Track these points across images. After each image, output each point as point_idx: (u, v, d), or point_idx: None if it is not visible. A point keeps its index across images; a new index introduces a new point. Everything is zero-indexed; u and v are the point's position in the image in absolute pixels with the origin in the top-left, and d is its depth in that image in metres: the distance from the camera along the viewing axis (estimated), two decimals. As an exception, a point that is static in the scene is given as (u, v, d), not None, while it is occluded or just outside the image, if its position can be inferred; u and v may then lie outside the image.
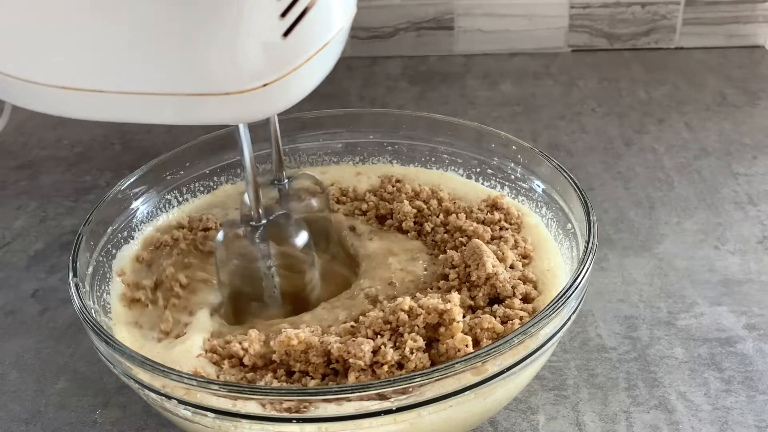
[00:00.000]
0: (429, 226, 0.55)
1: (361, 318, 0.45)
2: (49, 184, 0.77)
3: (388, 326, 0.44)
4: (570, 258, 0.50)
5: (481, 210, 0.55)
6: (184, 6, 0.34)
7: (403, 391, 0.38)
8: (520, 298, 0.47)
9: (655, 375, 0.52)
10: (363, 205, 0.58)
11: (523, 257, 0.51)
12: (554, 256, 0.52)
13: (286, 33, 0.35)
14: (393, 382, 0.38)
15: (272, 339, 0.44)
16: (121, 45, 0.35)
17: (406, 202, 0.56)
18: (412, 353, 0.42)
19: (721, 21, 0.96)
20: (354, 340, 0.42)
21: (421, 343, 0.42)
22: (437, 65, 0.98)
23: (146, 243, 0.55)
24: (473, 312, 0.47)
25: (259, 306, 0.49)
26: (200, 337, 0.47)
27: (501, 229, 0.54)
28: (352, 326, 0.45)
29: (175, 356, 0.45)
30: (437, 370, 0.38)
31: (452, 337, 0.42)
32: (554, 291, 0.48)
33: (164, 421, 0.50)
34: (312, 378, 0.43)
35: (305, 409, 0.38)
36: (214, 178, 0.60)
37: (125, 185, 0.54)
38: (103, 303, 0.49)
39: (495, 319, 0.45)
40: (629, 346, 0.54)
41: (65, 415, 0.51)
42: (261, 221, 0.47)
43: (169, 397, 0.40)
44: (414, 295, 0.47)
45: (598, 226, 0.47)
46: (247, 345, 0.45)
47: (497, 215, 0.55)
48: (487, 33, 0.97)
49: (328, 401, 0.38)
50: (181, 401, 0.39)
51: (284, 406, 0.39)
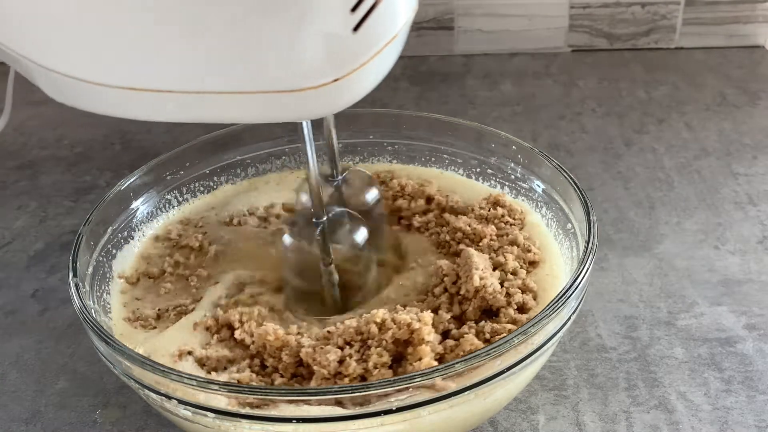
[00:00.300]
0: (417, 222, 0.55)
1: (338, 325, 0.44)
2: (49, 184, 0.77)
3: (360, 337, 0.43)
4: (570, 258, 0.50)
5: (482, 207, 0.55)
6: (261, 5, 0.34)
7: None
8: (516, 308, 0.46)
9: (655, 375, 0.52)
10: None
11: (530, 263, 0.50)
12: (554, 257, 0.51)
13: (356, 27, 0.35)
14: (393, 382, 0.38)
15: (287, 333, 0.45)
16: (195, 45, 0.35)
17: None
18: (375, 368, 0.41)
19: (721, 21, 0.96)
20: (323, 348, 0.42)
21: (386, 359, 0.42)
22: (437, 65, 0.98)
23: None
24: (462, 324, 0.46)
25: (317, 302, 0.49)
26: (200, 313, 0.48)
27: (506, 224, 0.53)
28: (329, 332, 0.44)
29: (173, 331, 0.47)
30: (437, 370, 0.38)
31: (419, 360, 0.42)
32: (554, 291, 0.48)
33: (164, 421, 0.50)
34: (282, 376, 0.43)
35: (267, 407, 0.39)
36: (214, 178, 0.60)
37: (125, 185, 0.54)
38: (103, 303, 0.49)
39: (478, 340, 0.43)
40: (629, 346, 0.54)
41: (65, 415, 0.51)
42: (322, 218, 0.47)
43: (169, 397, 0.40)
44: (405, 305, 0.47)
45: (598, 226, 0.47)
46: (246, 319, 0.45)
47: (500, 211, 0.54)
48: (487, 33, 0.97)
49: (326, 402, 0.38)
50: (181, 401, 0.39)
51: (248, 401, 0.39)
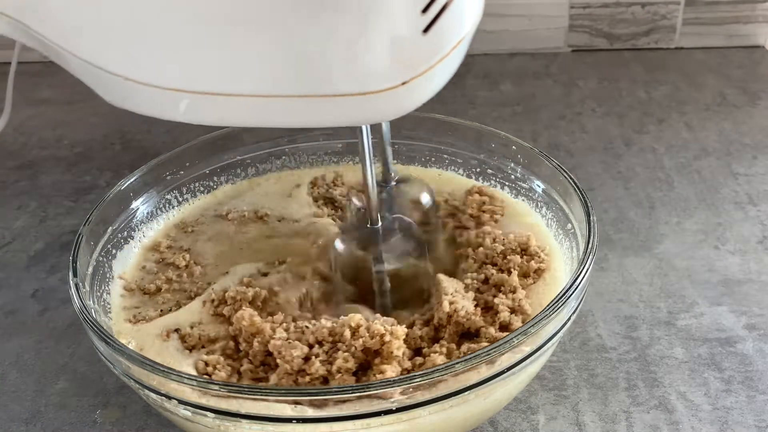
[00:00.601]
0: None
1: (313, 323, 0.44)
2: (49, 184, 0.77)
3: (331, 338, 0.42)
4: (570, 258, 0.50)
5: (467, 205, 0.55)
6: (332, 9, 0.33)
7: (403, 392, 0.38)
8: (498, 327, 0.45)
9: (655, 375, 0.52)
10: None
11: (535, 272, 0.50)
12: (554, 257, 0.51)
13: (426, 29, 0.35)
14: (393, 382, 0.38)
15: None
16: (263, 48, 0.34)
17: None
18: (339, 372, 0.41)
19: (721, 21, 0.96)
20: (290, 342, 0.42)
21: (351, 364, 0.41)
22: (437, 65, 0.98)
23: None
24: (435, 342, 0.45)
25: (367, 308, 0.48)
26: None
27: (491, 216, 0.54)
28: (306, 327, 0.44)
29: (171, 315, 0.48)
30: (437, 370, 0.38)
31: (381, 374, 0.41)
32: (554, 292, 0.48)
33: (164, 421, 0.50)
34: (250, 362, 0.43)
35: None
36: (214, 178, 0.60)
37: (125, 185, 0.54)
38: (103, 303, 0.49)
39: (445, 359, 0.43)
40: (629, 346, 0.54)
41: (65, 415, 0.51)
42: (377, 224, 0.47)
43: (169, 397, 0.40)
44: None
45: (598, 226, 0.47)
46: (239, 298, 0.46)
47: (478, 197, 0.55)
48: (487, 33, 0.97)
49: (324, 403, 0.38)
50: (181, 401, 0.39)
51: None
